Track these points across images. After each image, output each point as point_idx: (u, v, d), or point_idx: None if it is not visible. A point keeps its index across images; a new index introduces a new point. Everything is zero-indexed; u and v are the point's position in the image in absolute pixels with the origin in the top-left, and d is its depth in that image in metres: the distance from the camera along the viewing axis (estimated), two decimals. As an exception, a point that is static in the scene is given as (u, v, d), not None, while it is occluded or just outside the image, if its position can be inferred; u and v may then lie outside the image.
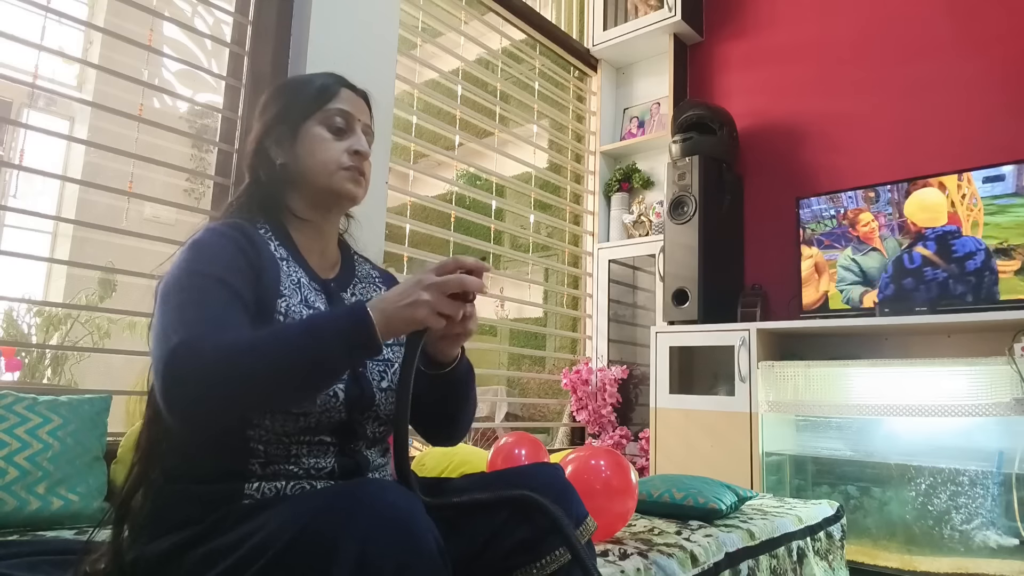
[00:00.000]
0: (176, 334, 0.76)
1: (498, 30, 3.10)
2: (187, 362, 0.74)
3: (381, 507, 0.69)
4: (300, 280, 0.95)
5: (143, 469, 0.87)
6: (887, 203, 2.49)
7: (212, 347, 0.75)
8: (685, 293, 2.77)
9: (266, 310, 0.88)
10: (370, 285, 1.09)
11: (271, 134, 1.02)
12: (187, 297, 0.81)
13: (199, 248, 0.88)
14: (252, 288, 0.87)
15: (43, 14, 1.79)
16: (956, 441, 2.14)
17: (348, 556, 0.65)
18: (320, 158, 0.99)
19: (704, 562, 1.30)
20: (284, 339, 0.77)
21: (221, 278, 0.84)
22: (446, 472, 1.77)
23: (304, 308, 0.92)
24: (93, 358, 2.56)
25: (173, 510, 0.83)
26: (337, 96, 1.02)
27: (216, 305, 0.82)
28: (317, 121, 1.00)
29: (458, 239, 2.83)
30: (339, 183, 1.00)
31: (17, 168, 2.04)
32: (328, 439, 0.90)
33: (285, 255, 0.97)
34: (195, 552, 0.77)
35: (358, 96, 1.06)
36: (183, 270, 0.85)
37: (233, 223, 0.94)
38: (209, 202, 2.03)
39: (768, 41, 3.17)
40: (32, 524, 1.29)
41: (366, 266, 1.13)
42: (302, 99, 1.02)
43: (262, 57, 2.01)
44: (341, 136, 1.01)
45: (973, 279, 2.29)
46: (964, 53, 2.63)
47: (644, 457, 2.91)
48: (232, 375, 0.74)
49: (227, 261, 0.87)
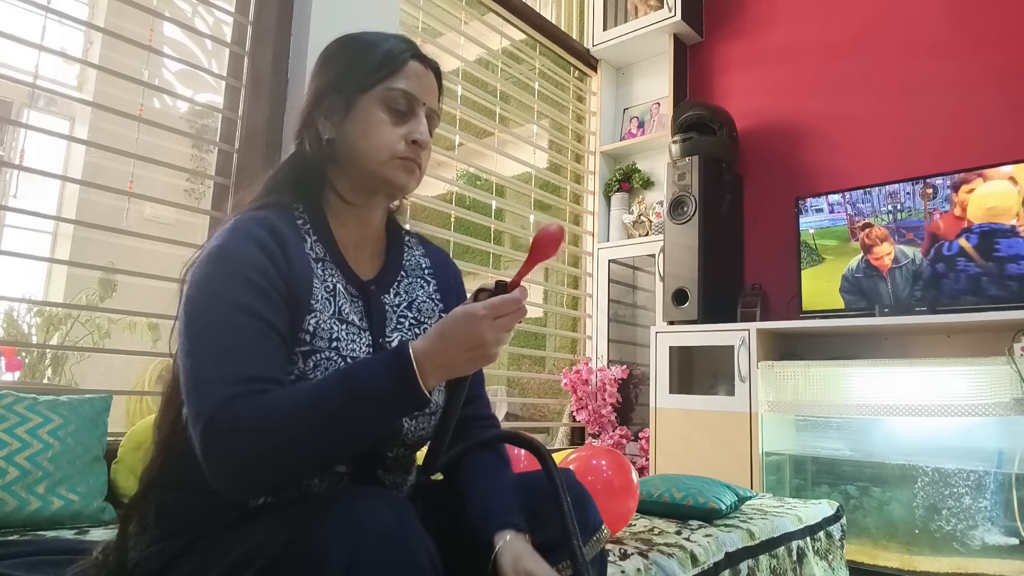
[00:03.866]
0: (211, 395, 0.71)
1: (498, 30, 3.10)
2: (225, 443, 0.70)
3: (370, 520, 0.67)
4: (336, 286, 0.87)
5: (152, 474, 0.84)
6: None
7: (249, 424, 0.69)
8: (685, 293, 2.77)
9: (293, 327, 0.81)
10: (418, 279, 0.98)
11: (321, 104, 0.89)
12: (218, 337, 0.74)
13: (226, 259, 0.78)
14: (282, 304, 0.80)
15: (43, 14, 1.79)
16: (956, 441, 2.14)
17: (336, 571, 0.64)
18: (373, 142, 0.87)
19: (704, 562, 1.30)
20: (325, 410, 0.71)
21: (252, 308, 0.76)
22: (446, 472, 1.76)
23: (336, 322, 0.84)
24: (93, 358, 2.56)
25: (176, 516, 0.81)
26: (403, 70, 0.89)
27: (250, 349, 0.75)
28: (375, 98, 0.88)
29: (458, 239, 2.83)
30: (390, 172, 0.88)
31: (17, 168, 2.04)
32: (343, 470, 0.84)
33: (322, 254, 0.88)
34: (191, 556, 0.77)
35: (428, 70, 0.93)
36: (211, 293, 0.77)
37: (262, 217, 0.84)
38: (209, 202, 2.03)
39: (768, 41, 3.17)
40: (32, 524, 1.29)
41: (416, 252, 1.01)
42: (363, 68, 0.89)
43: (262, 57, 2.01)
44: (400, 120, 0.89)
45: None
46: (964, 53, 2.63)
47: (644, 457, 2.91)
48: (273, 456, 0.70)
49: (259, 279, 0.78)
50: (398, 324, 0.93)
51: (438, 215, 3.25)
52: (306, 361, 0.81)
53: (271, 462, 0.71)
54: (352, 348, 0.85)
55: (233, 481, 0.71)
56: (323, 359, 0.82)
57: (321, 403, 0.71)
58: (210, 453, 0.70)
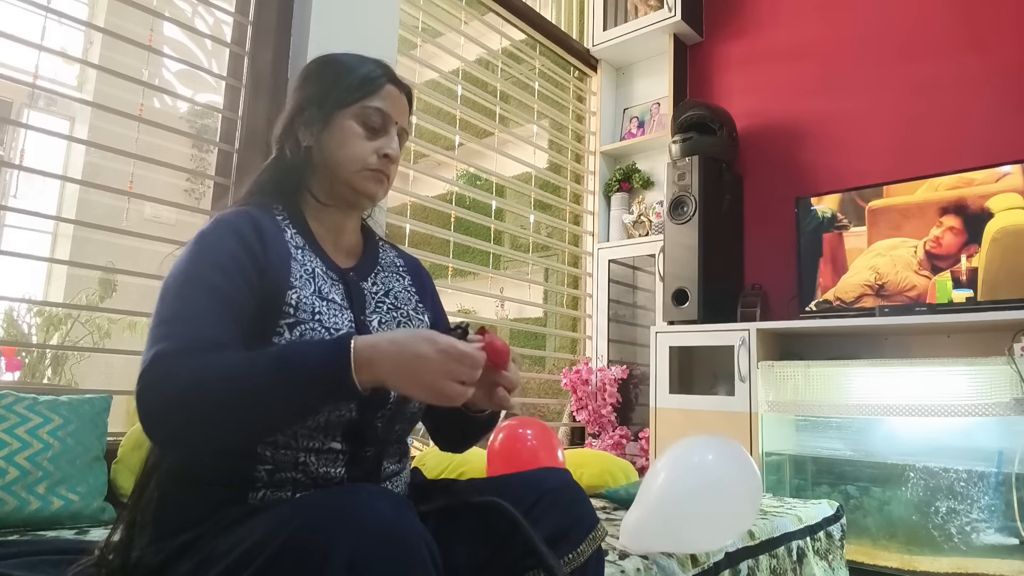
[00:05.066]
0: (155, 345, 0.76)
1: (498, 30, 3.10)
2: (158, 389, 0.73)
3: (370, 517, 0.67)
4: (315, 270, 0.92)
5: (150, 470, 0.85)
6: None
7: (184, 374, 0.73)
8: (685, 293, 2.77)
9: (273, 305, 0.85)
10: (393, 274, 1.04)
11: (302, 114, 0.97)
12: (178, 307, 0.80)
13: (202, 244, 0.86)
14: (253, 287, 0.84)
15: (43, 14, 1.79)
16: (956, 441, 2.14)
17: (337, 569, 0.64)
18: (348, 153, 0.95)
19: (704, 562, 1.30)
20: (255, 370, 0.73)
21: (217, 285, 0.82)
22: (446, 472, 1.77)
23: (317, 299, 0.88)
24: (93, 358, 2.56)
25: (176, 513, 0.82)
26: (379, 92, 0.97)
27: (203, 314, 0.79)
28: (352, 114, 0.96)
29: (458, 239, 2.83)
30: (361, 182, 0.96)
31: (17, 168, 2.04)
32: (338, 446, 0.85)
33: (300, 243, 0.93)
34: (191, 556, 0.77)
35: (401, 93, 1.01)
36: (182, 272, 0.83)
37: (244, 211, 0.91)
38: (209, 202, 2.03)
39: (768, 41, 3.17)
40: (32, 524, 1.29)
41: (391, 253, 1.09)
42: (342, 87, 0.96)
43: (262, 57, 2.01)
44: (373, 135, 0.97)
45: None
46: (965, 52, 2.63)
47: (644, 457, 2.91)
48: (199, 407, 0.72)
49: (228, 261, 0.84)
50: (377, 307, 0.97)
51: (438, 215, 3.25)
52: (292, 332, 0.84)
53: (196, 414, 0.73)
54: (335, 322, 0.88)
55: (160, 429, 0.74)
56: (308, 330, 0.85)
57: (254, 367, 0.74)
58: (142, 397, 0.73)
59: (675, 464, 1.29)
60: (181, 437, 0.75)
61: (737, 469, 1.28)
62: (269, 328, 0.83)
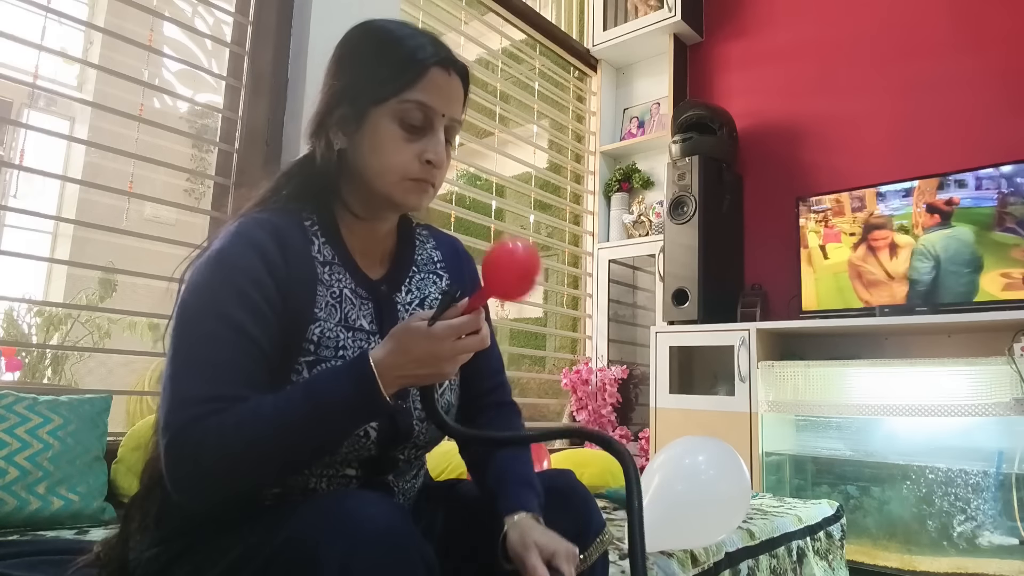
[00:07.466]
0: (181, 410, 0.71)
1: (498, 30, 3.10)
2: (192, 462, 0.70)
3: (363, 522, 0.67)
4: (343, 292, 0.84)
5: (151, 471, 0.84)
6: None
7: (215, 442, 0.69)
8: (685, 293, 2.77)
9: (293, 341, 0.79)
10: (430, 274, 0.95)
11: (333, 113, 0.84)
12: (200, 350, 0.74)
13: (223, 265, 0.77)
14: (277, 311, 0.78)
15: (43, 14, 1.79)
16: (956, 441, 2.14)
17: (330, 572, 0.63)
18: (384, 161, 0.82)
19: (704, 562, 1.30)
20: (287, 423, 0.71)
21: (239, 324, 0.74)
22: (445, 472, 1.77)
23: (343, 330, 0.82)
24: (93, 358, 2.56)
25: (177, 517, 0.81)
26: (421, 81, 0.81)
27: (228, 367, 0.74)
28: (389, 111, 0.81)
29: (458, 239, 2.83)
30: (401, 194, 0.83)
31: (17, 168, 2.04)
32: (352, 472, 0.83)
33: (329, 257, 0.85)
34: (189, 559, 0.77)
35: (453, 75, 0.85)
36: (203, 303, 0.76)
37: (266, 220, 0.81)
38: (209, 202, 2.03)
39: (768, 41, 3.17)
40: (32, 524, 1.29)
41: (428, 245, 0.98)
42: (379, 74, 0.82)
43: (262, 57, 2.01)
44: (415, 136, 0.82)
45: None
46: (964, 52, 2.63)
47: (644, 457, 2.91)
48: (238, 471, 0.71)
49: (250, 288, 0.76)
50: None
51: (438, 215, 3.24)
52: (311, 371, 0.79)
53: (236, 476, 0.72)
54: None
55: (196, 496, 0.73)
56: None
57: (286, 417, 0.71)
58: (174, 468, 0.71)
59: (668, 465, 1.35)
60: (217, 498, 0.74)
61: (728, 467, 1.33)
62: (288, 365, 0.79)
